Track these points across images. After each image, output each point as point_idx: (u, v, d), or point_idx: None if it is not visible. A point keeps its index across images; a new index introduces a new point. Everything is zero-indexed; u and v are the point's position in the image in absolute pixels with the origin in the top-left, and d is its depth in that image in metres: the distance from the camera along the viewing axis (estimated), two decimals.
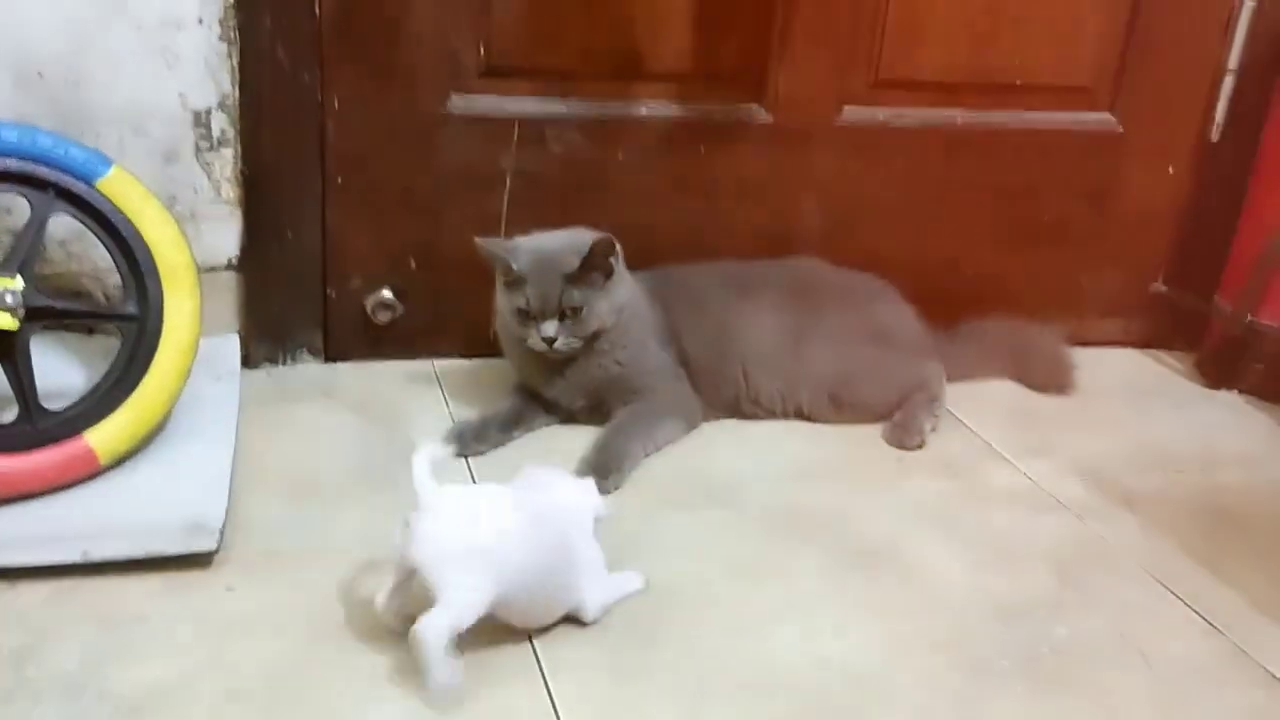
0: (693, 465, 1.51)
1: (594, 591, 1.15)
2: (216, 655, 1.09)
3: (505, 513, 1.09)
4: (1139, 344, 2.01)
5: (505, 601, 1.06)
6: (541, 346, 1.48)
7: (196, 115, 1.55)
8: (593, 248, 1.46)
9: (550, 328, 1.47)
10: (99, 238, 1.36)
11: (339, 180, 1.62)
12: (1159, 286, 2.00)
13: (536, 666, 1.11)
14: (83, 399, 1.34)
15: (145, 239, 1.36)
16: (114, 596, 1.16)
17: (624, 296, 1.52)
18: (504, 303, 1.52)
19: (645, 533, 1.34)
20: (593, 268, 1.47)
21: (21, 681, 1.04)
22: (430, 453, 1.08)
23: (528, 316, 1.48)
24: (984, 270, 1.88)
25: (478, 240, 1.49)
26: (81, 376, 1.46)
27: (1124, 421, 1.75)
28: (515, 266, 1.47)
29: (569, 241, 1.49)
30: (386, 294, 1.69)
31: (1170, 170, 1.92)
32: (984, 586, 1.30)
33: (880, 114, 1.79)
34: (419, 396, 1.64)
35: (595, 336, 1.50)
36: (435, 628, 1.01)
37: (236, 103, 1.55)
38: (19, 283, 1.30)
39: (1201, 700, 1.15)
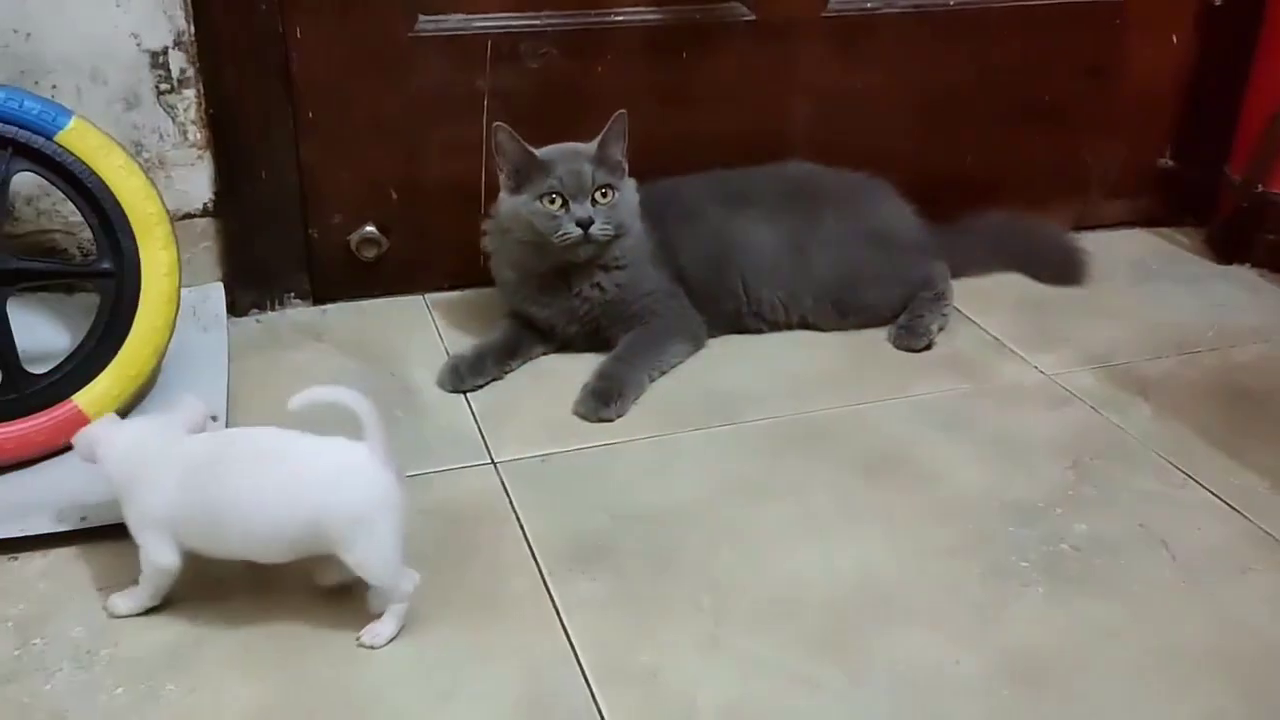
0: (697, 384, 1.48)
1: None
2: (225, 614, 1.08)
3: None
4: (1146, 223, 1.97)
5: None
6: (576, 234, 1.41)
7: (153, 56, 1.48)
8: (612, 123, 1.42)
9: (586, 208, 1.41)
10: (65, 193, 1.31)
11: (309, 114, 1.56)
12: (1166, 162, 1.94)
13: (550, 602, 1.09)
14: (67, 360, 1.31)
15: (113, 191, 1.31)
16: (118, 561, 1.13)
17: (635, 201, 1.48)
18: (519, 204, 1.44)
19: (653, 457, 1.32)
20: (612, 149, 1.44)
21: (30, 653, 1.02)
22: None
23: (556, 206, 1.42)
24: (983, 159, 1.83)
25: (498, 125, 1.42)
26: (65, 338, 1.42)
27: (1134, 305, 1.71)
28: (539, 154, 1.42)
29: (579, 145, 1.46)
30: (370, 229, 1.64)
31: (1174, 39, 1.85)
32: (1000, 486, 1.27)
33: (868, 1, 1.71)
34: (412, 333, 1.60)
35: (620, 236, 1.45)
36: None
37: (193, 39, 1.48)
38: None
39: (1228, 587, 1.13)
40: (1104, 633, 1.07)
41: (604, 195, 1.43)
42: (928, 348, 1.56)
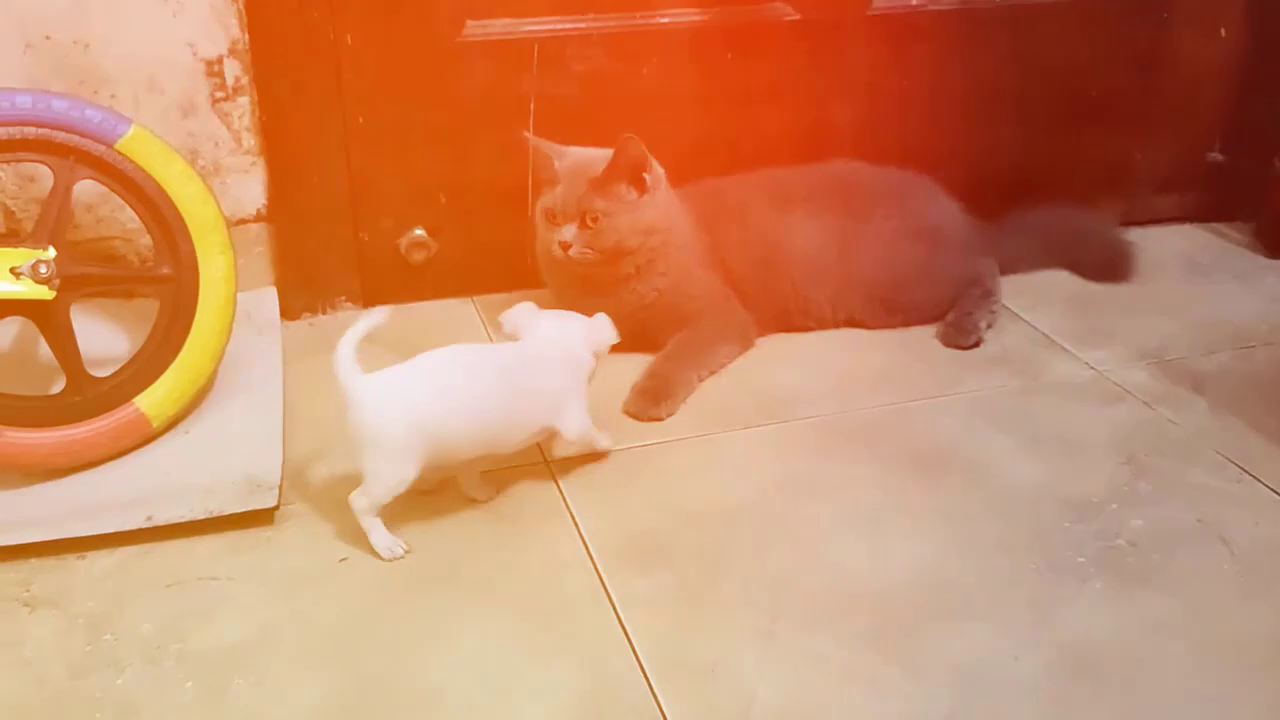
0: (746, 383, 1.48)
1: (571, 414, 1.23)
2: (289, 610, 1.10)
3: (437, 377, 1.19)
4: (1196, 218, 1.95)
5: (452, 446, 1.17)
6: (558, 253, 1.44)
7: (209, 64, 1.51)
8: (616, 151, 1.41)
9: (568, 232, 1.43)
10: (124, 200, 1.34)
11: (360, 120, 1.58)
12: (1215, 155, 1.92)
13: (607, 599, 1.10)
14: (129, 364, 1.34)
15: (171, 197, 1.34)
16: (183, 558, 1.17)
17: (656, 220, 1.47)
18: (538, 208, 1.48)
19: (704, 455, 1.33)
20: (617, 176, 1.43)
21: (101, 649, 1.05)
22: (355, 335, 1.17)
23: (553, 219, 1.45)
24: (1030, 155, 1.82)
25: (528, 135, 1.46)
26: (125, 342, 1.46)
27: (1185, 300, 1.69)
28: (557, 165, 1.45)
29: (608, 153, 1.46)
30: (419, 232, 1.67)
31: (1222, 32, 1.83)
32: (1054, 483, 1.27)
33: None
34: (462, 334, 1.62)
35: (618, 255, 1.45)
36: (357, 505, 1.16)
37: (248, 48, 1.51)
38: (51, 252, 1.28)
39: None
40: (1162, 628, 1.06)
41: (595, 220, 1.43)
42: (977, 345, 1.55)
